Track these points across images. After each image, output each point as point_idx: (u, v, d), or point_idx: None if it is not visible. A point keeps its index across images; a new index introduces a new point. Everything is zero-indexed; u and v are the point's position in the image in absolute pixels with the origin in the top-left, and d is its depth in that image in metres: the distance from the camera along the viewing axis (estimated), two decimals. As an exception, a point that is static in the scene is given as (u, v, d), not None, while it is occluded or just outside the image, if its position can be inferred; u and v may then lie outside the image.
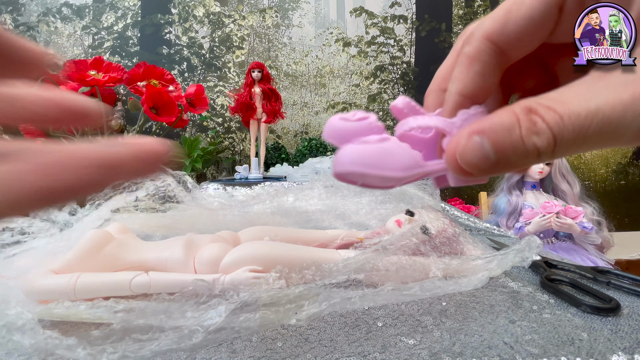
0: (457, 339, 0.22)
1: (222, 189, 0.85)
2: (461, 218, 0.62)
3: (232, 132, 1.92)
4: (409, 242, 0.31)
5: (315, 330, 0.23)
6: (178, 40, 1.93)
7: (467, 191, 2.01)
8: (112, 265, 0.30)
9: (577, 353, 0.20)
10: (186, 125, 1.58)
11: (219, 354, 0.21)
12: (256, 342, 0.22)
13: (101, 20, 1.89)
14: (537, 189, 1.40)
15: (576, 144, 0.15)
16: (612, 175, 1.97)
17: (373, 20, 1.98)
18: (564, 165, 1.37)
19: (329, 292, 0.24)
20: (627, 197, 1.95)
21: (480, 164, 0.16)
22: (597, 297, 0.27)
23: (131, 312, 0.22)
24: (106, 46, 1.89)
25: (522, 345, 0.21)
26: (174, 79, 0.77)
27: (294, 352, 0.21)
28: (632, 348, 0.21)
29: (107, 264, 0.30)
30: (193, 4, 1.93)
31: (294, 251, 0.31)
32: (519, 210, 1.34)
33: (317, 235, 0.39)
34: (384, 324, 0.24)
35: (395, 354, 0.21)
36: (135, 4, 1.90)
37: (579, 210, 1.22)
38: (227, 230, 0.38)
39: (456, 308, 0.26)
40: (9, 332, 0.20)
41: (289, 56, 1.99)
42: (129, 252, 0.31)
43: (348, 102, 2.02)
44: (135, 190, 0.39)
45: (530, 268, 0.35)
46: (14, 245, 0.35)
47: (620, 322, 0.24)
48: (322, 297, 0.23)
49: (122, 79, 0.69)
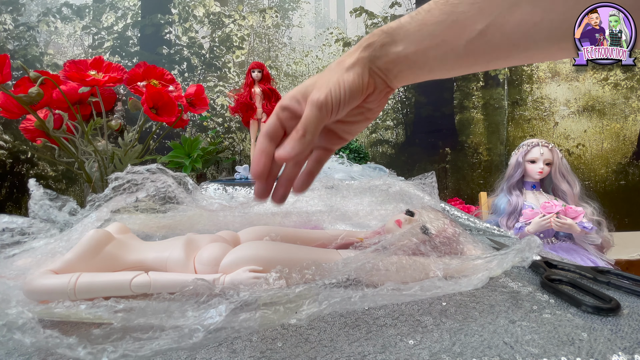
0: (457, 339, 0.22)
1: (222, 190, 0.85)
2: (461, 218, 0.62)
3: (232, 132, 1.92)
4: (409, 242, 0.31)
5: (315, 330, 0.23)
6: (178, 40, 1.93)
7: (467, 191, 2.01)
8: (112, 265, 0.30)
9: (577, 353, 0.20)
10: (186, 125, 1.58)
11: (219, 353, 0.21)
12: (256, 342, 0.22)
13: (101, 20, 1.89)
14: (537, 189, 1.40)
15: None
16: (612, 175, 1.97)
17: (373, 21, 1.98)
18: (564, 165, 1.37)
19: (329, 292, 0.24)
20: (627, 197, 1.95)
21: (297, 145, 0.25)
22: (597, 297, 0.27)
23: (131, 311, 0.22)
24: (106, 46, 1.89)
25: (522, 345, 0.21)
26: (174, 79, 0.77)
27: (294, 352, 0.21)
28: (632, 348, 0.21)
29: (107, 263, 0.30)
30: (193, 4, 1.93)
31: (293, 251, 0.31)
32: (519, 210, 1.34)
33: (317, 235, 0.39)
34: (384, 324, 0.24)
35: (395, 354, 0.21)
36: (135, 4, 1.90)
37: (579, 210, 1.22)
38: (227, 230, 0.39)
39: (456, 308, 0.26)
40: (9, 331, 0.20)
41: (289, 56, 1.99)
42: (129, 252, 0.31)
43: (348, 102, 2.02)
44: (135, 192, 0.39)
45: (530, 268, 0.35)
46: (14, 246, 0.35)
47: (620, 322, 0.24)
48: (322, 297, 0.23)
49: (122, 79, 0.69)
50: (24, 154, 1.81)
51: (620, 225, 1.88)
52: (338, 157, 1.12)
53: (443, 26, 0.24)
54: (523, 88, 2.02)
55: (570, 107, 2.01)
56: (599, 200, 1.34)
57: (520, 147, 1.43)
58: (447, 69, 0.27)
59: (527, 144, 1.40)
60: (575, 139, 2.00)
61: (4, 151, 1.80)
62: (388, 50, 0.26)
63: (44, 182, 1.84)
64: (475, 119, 2.01)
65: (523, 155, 1.39)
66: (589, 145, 1.99)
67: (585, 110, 1.99)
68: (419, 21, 0.25)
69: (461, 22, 0.23)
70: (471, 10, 0.23)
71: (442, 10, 0.24)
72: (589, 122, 1.99)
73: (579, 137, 2.00)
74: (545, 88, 2.01)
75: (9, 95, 0.60)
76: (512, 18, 0.22)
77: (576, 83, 1.99)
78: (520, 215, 1.32)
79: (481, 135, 2.01)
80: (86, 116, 0.72)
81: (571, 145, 2.00)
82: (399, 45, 0.26)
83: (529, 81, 2.02)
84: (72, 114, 0.66)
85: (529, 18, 0.22)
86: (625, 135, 1.96)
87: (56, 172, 1.85)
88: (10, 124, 1.76)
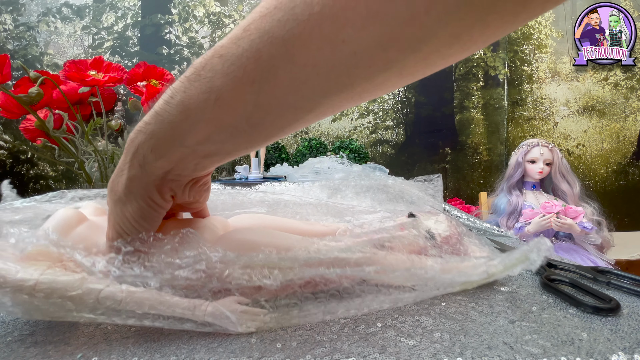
0: (457, 339, 0.22)
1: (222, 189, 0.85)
2: (461, 218, 0.62)
3: (232, 132, 1.92)
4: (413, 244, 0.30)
5: (315, 331, 0.23)
6: (178, 40, 1.93)
7: (467, 191, 2.01)
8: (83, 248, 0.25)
9: (577, 353, 0.20)
10: (186, 125, 1.58)
11: (217, 354, 0.21)
12: (255, 343, 0.22)
13: (101, 20, 1.89)
14: (537, 189, 1.40)
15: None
16: (612, 175, 1.97)
17: (373, 20, 1.98)
18: (564, 165, 1.37)
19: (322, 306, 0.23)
20: (627, 197, 1.95)
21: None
22: (597, 297, 0.27)
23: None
24: (106, 46, 1.89)
25: (522, 345, 0.21)
26: (174, 79, 0.77)
27: (294, 352, 0.21)
28: (632, 348, 0.21)
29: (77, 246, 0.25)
30: (193, 4, 1.93)
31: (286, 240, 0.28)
32: (519, 210, 1.34)
33: (314, 227, 0.37)
34: (383, 325, 0.24)
35: (395, 354, 0.21)
36: (135, 4, 1.90)
37: (579, 210, 1.22)
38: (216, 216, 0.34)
39: (456, 308, 0.26)
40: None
41: (289, 56, 1.99)
42: (104, 235, 0.26)
43: (348, 102, 2.02)
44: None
45: (530, 268, 0.35)
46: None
47: (620, 322, 0.24)
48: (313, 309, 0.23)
49: (122, 79, 0.69)
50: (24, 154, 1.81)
51: (620, 225, 1.88)
52: (338, 157, 1.12)
53: (209, 107, 0.19)
54: (523, 88, 2.02)
55: (570, 107, 2.01)
56: (599, 200, 1.34)
57: (520, 147, 1.43)
58: (244, 147, 0.22)
59: (527, 144, 1.40)
60: (575, 139, 2.00)
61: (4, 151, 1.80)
62: (161, 153, 0.21)
63: (44, 182, 1.84)
64: (475, 119, 2.01)
65: (523, 155, 1.39)
66: (589, 145, 1.99)
67: (585, 110, 1.99)
68: (179, 106, 0.20)
69: (227, 98, 0.19)
70: (229, 83, 0.19)
71: (199, 89, 0.19)
72: (589, 122, 1.99)
73: (579, 137, 2.00)
74: (545, 88, 2.01)
75: (9, 95, 0.60)
76: (278, 82, 0.18)
77: (576, 83, 1.99)
78: (520, 215, 1.33)
79: (481, 135, 2.01)
80: (86, 116, 0.72)
81: (571, 145, 2.00)
82: (172, 142, 0.21)
83: (529, 81, 2.02)
84: (72, 114, 0.66)
85: (294, 78, 0.18)
86: (625, 135, 1.96)
87: (56, 172, 1.85)
88: (10, 124, 1.76)
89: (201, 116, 0.20)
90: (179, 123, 0.20)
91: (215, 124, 0.20)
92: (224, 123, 0.20)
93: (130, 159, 0.22)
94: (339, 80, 0.18)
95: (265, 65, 0.18)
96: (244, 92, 0.19)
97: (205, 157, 0.22)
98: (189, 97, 0.20)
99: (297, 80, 0.18)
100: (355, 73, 0.18)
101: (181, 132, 0.21)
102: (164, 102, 0.21)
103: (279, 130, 0.21)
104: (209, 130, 0.20)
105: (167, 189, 0.23)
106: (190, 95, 0.20)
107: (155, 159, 0.21)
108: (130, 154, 0.22)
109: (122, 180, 0.22)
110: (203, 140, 0.21)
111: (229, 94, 0.19)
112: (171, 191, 0.23)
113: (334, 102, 0.20)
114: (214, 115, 0.20)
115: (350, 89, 0.19)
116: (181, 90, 0.20)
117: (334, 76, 0.18)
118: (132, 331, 0.24)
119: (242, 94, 0.19)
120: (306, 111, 0.20)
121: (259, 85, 0.18)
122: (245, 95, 0.19)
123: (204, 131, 0.20)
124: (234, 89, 0.19)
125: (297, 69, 0.18)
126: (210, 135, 0.21)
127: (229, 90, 0.19)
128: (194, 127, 0.20)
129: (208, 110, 0.20)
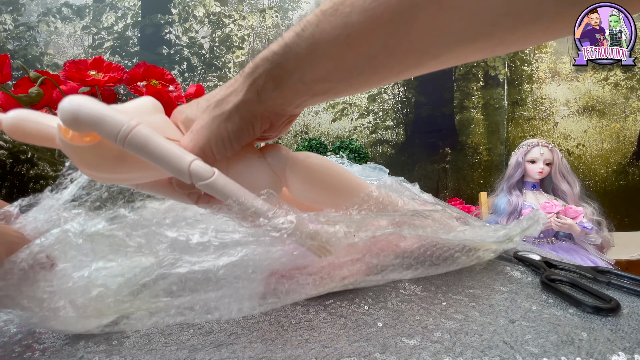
0: (458, 339, 0.22)
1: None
2: (461, 218, 0.62)
3: (232, 132, 1.92)
4: (445, 217, 0.31)
5: (315, 331, 0.23)
6: (178, 40, 1.93)
7: (467, 191, 2.01)
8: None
9: (577, 353, 0.20)
10: (186, 125, 1.58)
11: (219, 354, 0.21)
12: (256, 342, 0.22)
13: (101, 20, 1.89)
14: (537, 189, 1.40)
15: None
16: (612, 175, 1.97)
17: (373, 20, 1.98)
18: (564, 165, 1.37)
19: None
20: (627, 197, 1.95)
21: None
22: (597, 297, 0.27)
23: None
24: (106, 46, 1.89)
25: (522, 345, 0.21)
26: (174, 79, 0.77)
27: (294, 352, 0.21)
28: (632, 348, 0.21)
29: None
30: (193, 4, 1.93)
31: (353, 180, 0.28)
32: (519, 210, 1.34)
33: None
34: (384, 324, 0.24)
35: (396, 354, 0.21)
36: (135, 4, 1.90)
37: (579, 210, 1.22)
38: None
39: (456, 308, 0.26)
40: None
41: (289, 56, 1.99)
42: (172, 129, 0.25)
43: (348, 102, 2.02)
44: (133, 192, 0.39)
45: (530, 268, 0.35)
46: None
47: (620, 322, 0.24)
48: None
49: (122, 79, 0.69)
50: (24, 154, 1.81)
51: (620, 225, 1.88)
52: (338, 157, 1.12)
53: (337, 44, 0.19)
54: (523, 88, 2.02)
55: (570, 107, 2.01)
56: (599, 200, 1.34)
57: (520, 147, 1.43)
58: (355, 88, 0.23)
59: (527, 144, 1.40)
60: (575, 139, 2.00)
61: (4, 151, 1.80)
62: (280, 84, 0.22)
63: (44, 182, 1.84)
64: (475, 119, 2.01)
65: (523, 155, 1.39)
66: (589, 145, 1.99)
67: (585, 110, 1.99)
68: (308, 40, 0.20)
69: (357, 37, 0.19)
70: (366, 21, 0.18)
71: (333, 24, 0.19)
72: (589, 122, 1.99)
73: (579, 137, 2.00)
74: (545, 88, 2.01)
75: (9, 95, 0.60)
76: (415, 24, 0.18)
77: (576, 83, 1.99)
78: (520, 215, 1.33)
79: (481, 135, 2.01)
80: (86, 116, 0.72)
81: (571, 145, 2.00)
82: (292, 75, 0.21)
83: (529, 81, 2.02)
84: (72, 114, 0.66)
85: (433, 22, 0.18)
86: (625, 135, 1.96)
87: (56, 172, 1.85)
88: (10, 124, 1.76)
89: (327, 52, 0.20)
90: (304, 56, 0.20)
91: (337, 62, 0.20)
92: (346, 62, 0.20)
93: (250, 84, 0.22)
94: (482, 28, 0.17)
95: (407, 5, 0.17)
96: (377, 31, 0.19)
97: (315, 95, 0.22)
98: (320, 31, 0.20)
99: (436, 24, 0.18)
100: (502, 22, 0.17)
101: (302, 66, 0.21)
102: (295, 34, 0.21)
103: (396, 75, 0.21)
104: (329, 68, 0.20)
105: (268, 120, 0.24)
106: (322, 30, 0.20)
107: (273, 88, 0.22)
108: (252, 79, 0.22)
109: (235, 100, 0.23)
110: (320, 77, 0.21)
111: (362, 32, 0.19)
112: (269, 123, 0.24)
113: (460, 52, 0.19)
114: (339, 53, 0.20)
115: (487, 39, 0.18)
116: (314, 24, 0.20)
117: (479, 23, 0.17)
118: (133, 332, 0.24)
119: (374, 33, 0.19)
120: (430, 57, 0.20)
121: (395, 26, 0.18)
122: (377, 35, 0.19)
123: (324, 68, 0.20)
124: (369, 27, 0.19)
125: (441, 12, 0.17)
126: (328, 73, 0.21)
127: (363, 28, 0.19)
128: (316, 63, 0.20)
129: (335, 47, 0.20)
